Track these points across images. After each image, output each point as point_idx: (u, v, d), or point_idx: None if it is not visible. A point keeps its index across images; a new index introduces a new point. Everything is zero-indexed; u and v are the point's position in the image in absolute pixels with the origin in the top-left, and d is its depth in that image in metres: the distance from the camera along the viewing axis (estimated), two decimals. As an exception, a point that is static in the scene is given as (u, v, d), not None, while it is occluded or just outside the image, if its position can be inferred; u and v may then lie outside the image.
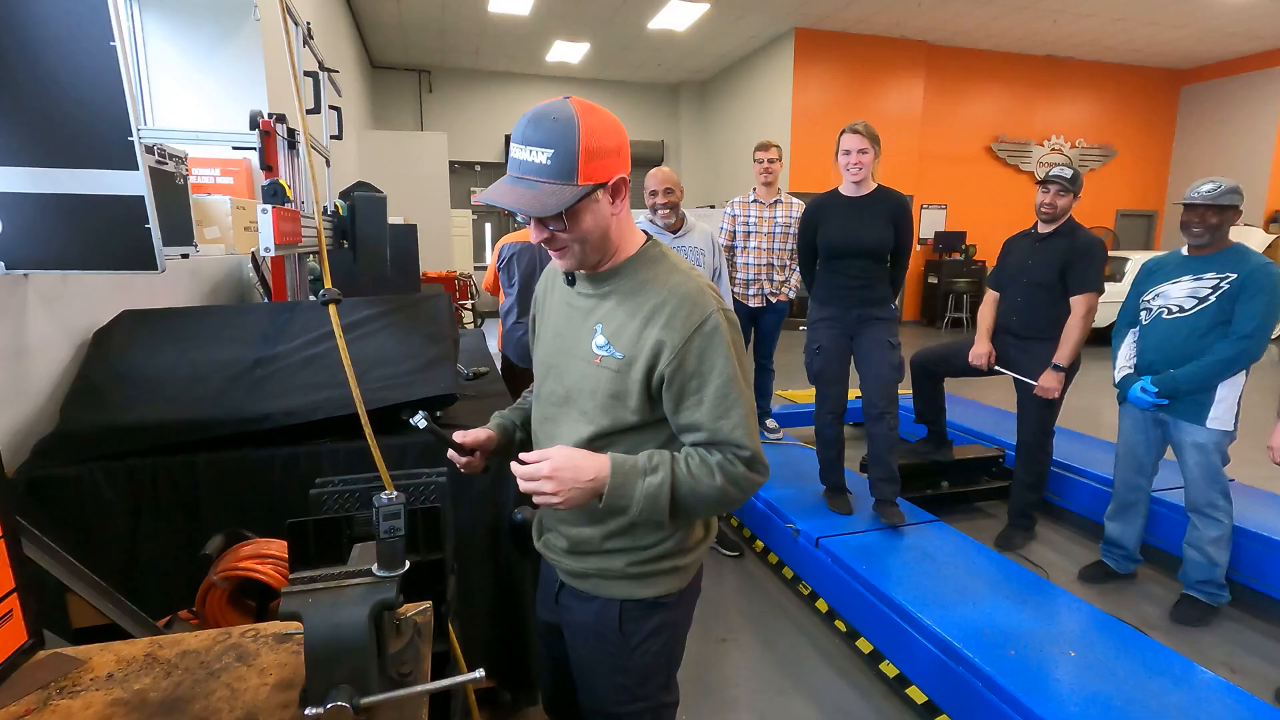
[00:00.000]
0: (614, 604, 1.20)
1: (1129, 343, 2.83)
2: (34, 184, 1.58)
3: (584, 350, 1.13)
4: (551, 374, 1.20)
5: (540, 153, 0.98)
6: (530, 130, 0.99)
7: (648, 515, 1.04)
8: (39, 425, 1.67)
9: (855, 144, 2.81)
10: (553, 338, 1.20)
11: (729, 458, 1.07)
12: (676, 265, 1.14)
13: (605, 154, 1.01)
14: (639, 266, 1.12)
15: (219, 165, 3.79)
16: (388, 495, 0.92)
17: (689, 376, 1.06)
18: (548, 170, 0.99)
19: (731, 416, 1.06)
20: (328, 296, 1.71)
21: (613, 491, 1.03)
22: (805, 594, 2.85)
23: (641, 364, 1.07)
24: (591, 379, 1.12)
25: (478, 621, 1.93)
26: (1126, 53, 11.12)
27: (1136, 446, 2.83)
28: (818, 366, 2.98)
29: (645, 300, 1.09)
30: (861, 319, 2.91)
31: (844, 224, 2.89)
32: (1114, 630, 2.10)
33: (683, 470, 1.05)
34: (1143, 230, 12.90)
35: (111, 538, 1.60)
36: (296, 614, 0.86)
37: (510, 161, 1.03)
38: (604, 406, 1.11)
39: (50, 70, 1.55)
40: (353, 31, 9.27)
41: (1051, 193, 2.98)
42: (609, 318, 1.11)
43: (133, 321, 1.94)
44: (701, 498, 1.05)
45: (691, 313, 1.06)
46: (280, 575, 1.41)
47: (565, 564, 1.24)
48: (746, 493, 1.08)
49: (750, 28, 9.93)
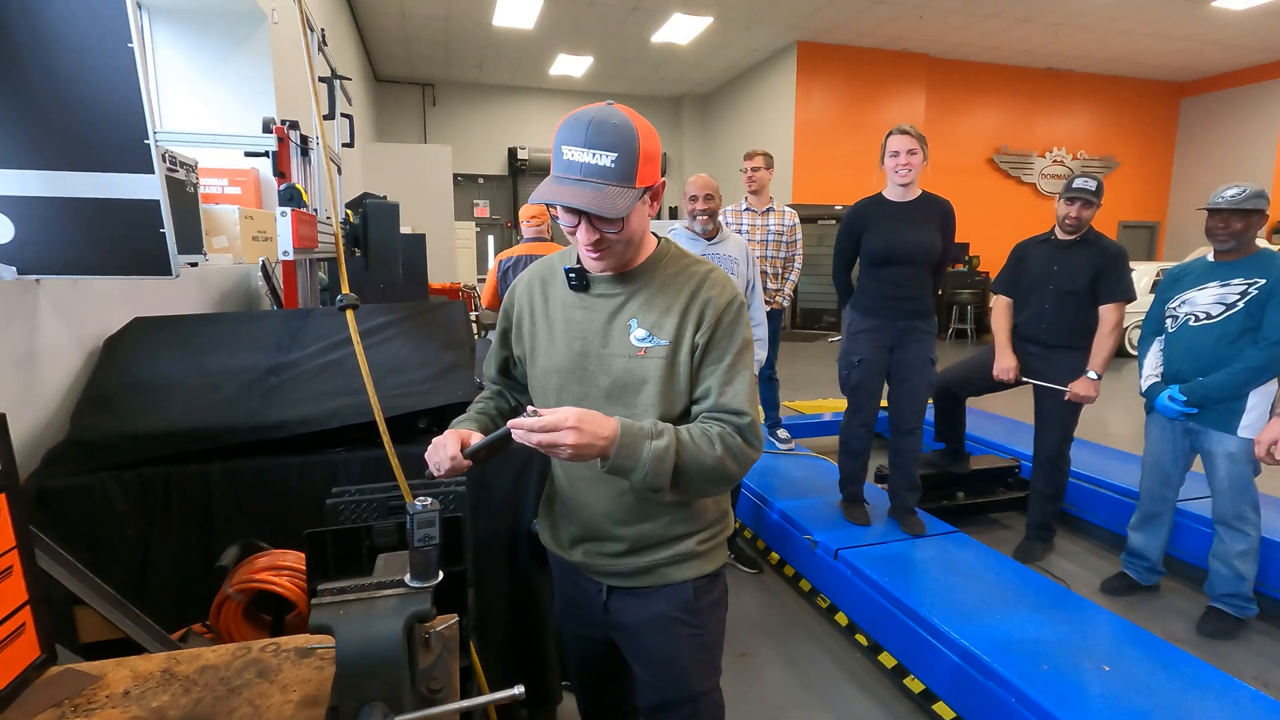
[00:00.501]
0: (686, 586, 1.24)
1: (1155, 351, 2.78)
2: (48, 187, 1.56)
3: (621, 347, 1.15)
4: (574, 379, 1.19)
5: (605, 156, 1.02)
6: (594, 134, 1.02)
7: (652, 479, 1.05)
8: (50, 433, 1.63)
9: (904, 145, 2.69)
10: (567, 343, 1.19)
11: (728, 429, 1.11)
12: (690, 256, 1.22)
13: (655, 159, 1.07)
14: (665, 262, 1.19)
15: (227, 175, 3.78)
16: (421, 501, 0.88)
17: (713, 346, 1.14)
18: (612, 173, 1.02)
19: (736, 384, 1.13)
20: (345, 302, 1.68)
21: (620, 450, 1.03)
22: (824, 607, 2.79)
23: (686, 342, 1.13)
24: (639, 371, 1.14)
25: (495, 634, 1.87)
26: (1127, 65, 11.18)
27: (1163, 457, 2.77)
28: (855, 380, 2.87)
29: (681, 287, 1.15)
30: (906, 331, 2.81)
31: (892, 230, 2.78)
32: (1148, 644, 2.05)
33: (686, 437, 1.08)
34: (1145, 242, 12.91)
35: (123, 549, 1.55)
36: (328, 626, 0.82)
37: (564, 164, 1.04)
38: (660, 395, 1.14)
39: (66, 72, 1.53)
40: (357, 45, 9.32)
41: (1077, 205, 2.92)
42: (644, 311, 1.15)
43: (145, 328, 1.91)
44: (702, 466, 1.08)
45: (723, 292, 1.16)
46: (297, 588, 1.37)
47: (623, 565, 1.24)
48: (743, 466, 1.12)
49: (753, 41, 9.99)
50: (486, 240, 12.95)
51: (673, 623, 1.24)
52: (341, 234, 2.39)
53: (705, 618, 1.27)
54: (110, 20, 1.52)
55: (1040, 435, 3.15)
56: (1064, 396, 2.97)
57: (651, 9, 8.57)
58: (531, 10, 8.61)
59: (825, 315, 12.20)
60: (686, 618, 1.24)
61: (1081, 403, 2.97)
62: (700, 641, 1.27)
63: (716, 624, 1.30)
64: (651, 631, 1.25)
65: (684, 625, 1.24)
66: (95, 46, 1.53)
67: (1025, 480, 3.68)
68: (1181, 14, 8.69)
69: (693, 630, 1.25)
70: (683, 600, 1.24)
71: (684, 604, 1.24)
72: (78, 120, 1.56)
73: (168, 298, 2.33)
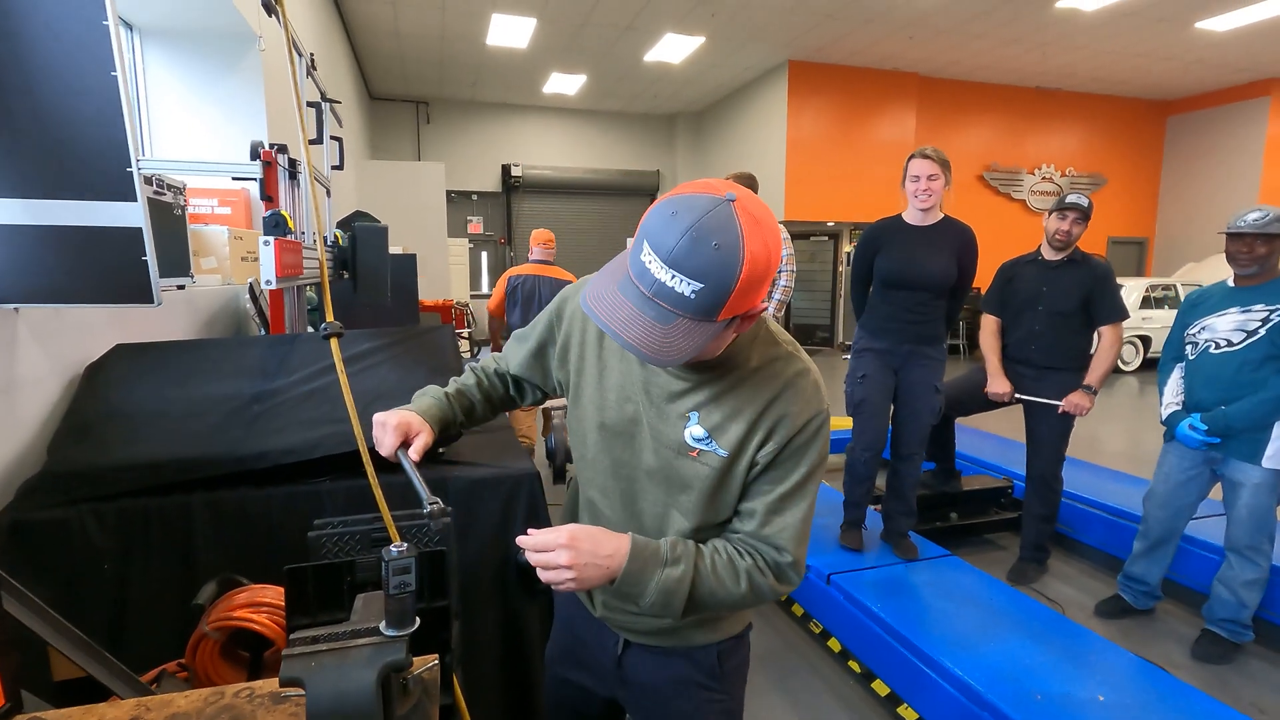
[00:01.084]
0: (711, 649, 1.14)
1: (1176, 378, 2.72)
2: (29, 215, 1.54)
3: (673, 439, 1.00)
4: (619, 442, 1.06)
5: (687, 284, 0.78)
6: (685, 253, 0.78)
7: (659, 609, 0.93)
8: (25, 465, 1.60)
9: (925, 169, 2.68)
10: (620, 400, 1.04)
11: (761, 565, 0.97)
12: (782, 343, 1.02)
13: (759, 285, 0.83)
14: (748, 353, 0.98)
15: (217, 195, 3.76)
16: (397, 547, 0.85)
17: (776, 465, 0.98)
18: (690, 305, 0.80)
19: (787, 515, 0.98)
20: (329, 330, 1.66)
21: (627, 577, 0.91)
22: (817, 632, 2.76)
23: (748, 457, 0.97)
24: (686, 471, 1.00)
25: (483, 669, 1.84)
26: (1114, 84, 11.34)
27: (1180, 487, 2.69)
28: (859, 395, 2.84)
29: (758, 393, 0.97)
30: (911, 355, 2.79)
31: (907, 252, 2.76)
32: (1143, 672, 2.03)
33: (707, 567, 0.95)
34: (1134, 258, 13.03)
35: (99, 584, 1.52)
36: (298, 679, 0.80)
37: (640, 268, 0.82)
38: (703, 503, 1.00)
39: (49, 100, 1.52)
40: (352, 63, 9.37)
41: (1069, 220, 2.93)
42: (709, 410, 0.98)
43: (127, 355, 1.88)
44: (720, 600, 0.96)
45: (806, 407, 0.97)
46: (276, 625, 1.34)
47: (645, 623, 1.13)
48: (766, 601, 1.02)
49: (745, 60, 10.08)
50: (480, 257, 12.96)
51: (696, 688, 1.15)
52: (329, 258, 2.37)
53: (729, 682, 1.18)
54: (94, 48, 1.52)
55: (1033, 455, 3.14)
56: (1058, 410, 2.97)
57: (644, 29, 8.65)
58: (525, 30, 8.68)
59: (818, 331, 12.24)
60: (710, 683, 1.15)
61: (1075, 413, 2.96)
62: (724, 707, 1.17)
63: (739, 687, 1.22)
64: (672, 694, 1.16)
65: (707, 690, 1.16)
66: (79, 74, 1.52)
67: (1018, 500, 3.67)
68: (1166, 35, 8.83)
69: (717, 695, 1.16)
70: (708, 665, 1.15)
71: (709, 669, 1.15)
72: (61, 148, 1.55)
73: (152, 323, 2.31)
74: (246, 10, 3.60)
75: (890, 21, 8.44)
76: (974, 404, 3.28)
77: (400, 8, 7.98)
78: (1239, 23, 8.26)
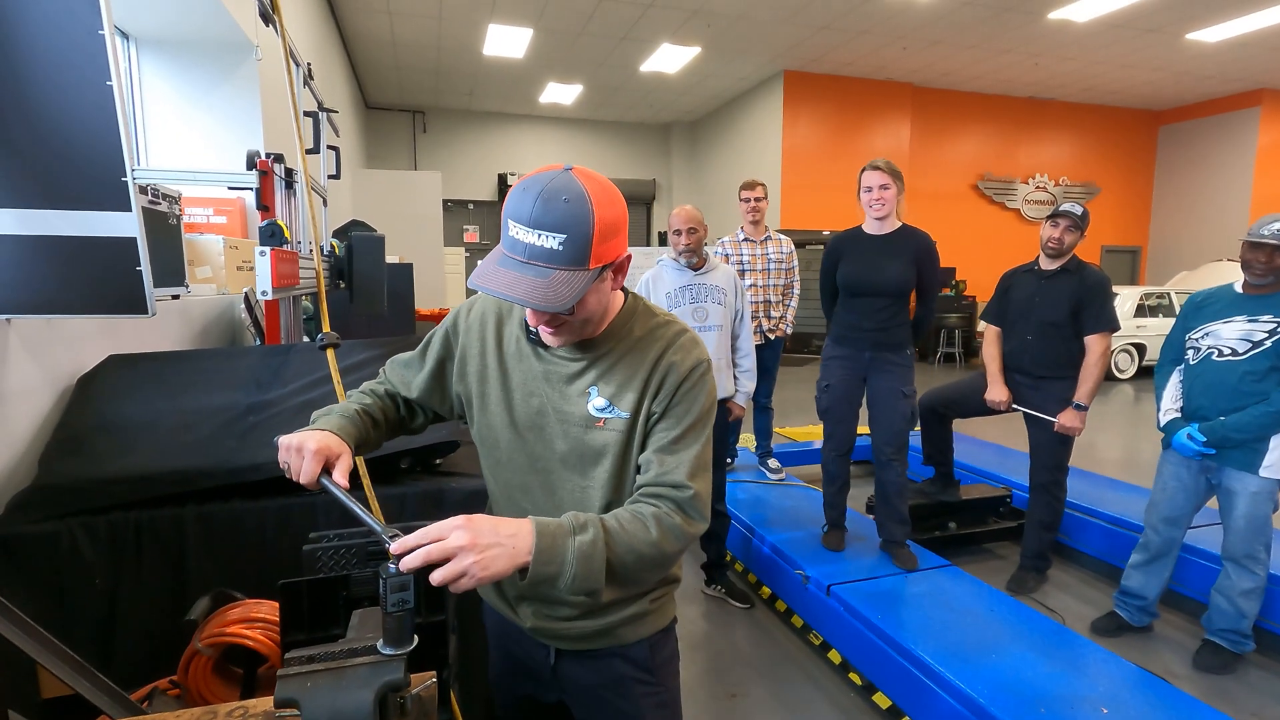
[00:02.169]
0: (642, 644, 1.18)
1: (1174, 382, 2.68)
2: (22, 225, 1.52)
3: (579, 415, 1.07)
4: (530, 438, 1.10)
5: (552, 238, 0.90)
6: (540, 212, 0.90)
7: (581, 581, 0.90)
8: (16, 478, 1.58)
9: (876, 180, 2.78)
10: (524, 397, 1.10)
11: (665, 509, 0.99)
12: (660, 314, 1.14)
13: (615, 233, 0.95)
14: (630, 325, 1.09)
15: (212, 204, 3.74)
16: (394, 565, 0.83)
17: (667, 414, 1.05)
18: (560, 256, 0.91)
19: (681, 454, 1.03)
20: (326, 341, 1.65)
21: (540, 554, 0.87)
22: (817, 644, 2.74)
23: (644, 412, 1.05)
24: (597, 442, 1.06)
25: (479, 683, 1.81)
26: (1106, 94, 11.43)
27: (1177, 495, 2.67)
28: (825, 403, 2.94)
29: (644, 355, 1.07)
30: (874, 362, 2.85)
31: (864, 261, 2.84)
32: (1146, 685, 2.01)
33: (615, 525, 0.95)
34: (1127, 266, 13.10)
35: (89, 599, 1.49)
36: (294, 700, 0.78)
37: (510, 242, 0.93)
38: (616, 469, 1.06)
39: (43, 109, 1.51)
40: (348, 72, 9.38)
41: (1061, 228, 2.93)
42: (605, 380, 1.06)
43: (120, 366, 1.86)
44: (639, 555, 0.95)
45: (687, 356, 1.07)
46: (270, 641, 1.31)
47: (575, 629, 1.15)
48: (684, 545, 1.02)
49: (740, 70, 10.14)
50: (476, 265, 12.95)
51: (632, 683, 1.18)
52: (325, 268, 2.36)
53: (663, 674, 1.21)
54: (90, 57, 1.51)
55: (1035, 463, 3.13)
56: (1054, 427, 2.96)
57: (640, 39, 8.69)
58: (521, 40, 8.71)
59: (814, 339, 12.26)
60: (645, 676, 1.19)
61: (1067, 434, 2.96)
62: (661, 698, 1.21)
63: (674, 679, 1.25)
64: (611, 694, 1.19)
65: (643, 685, 1.19)
66: (74, 83, 1.51)
67: (1017, 510, 3.67)
68: (1157, 46, 8.92)
69: (652, 689, 1.19)
70: (641, 659, 1.18)
71: (641, 663, 1.18)
72: (55, 157, 1.53)
73: (146, 333, 2.29)
74: (243, 20, 3.60)
75: (884, 32, 8.50)
76: (971, 407, 3.30)
77: (397, 18, 8.00)
78: (1229, 34, 8.35)
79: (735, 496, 3.57)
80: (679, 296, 2.87)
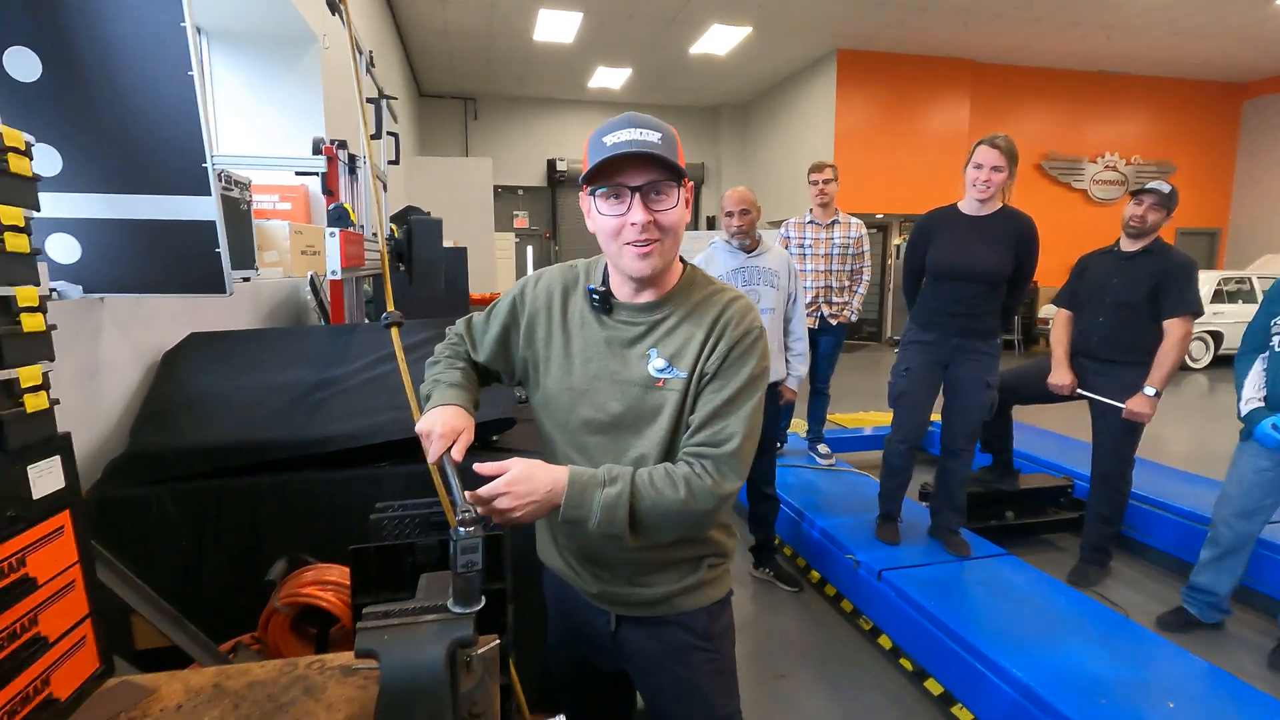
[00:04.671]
0: (701, 613, 1.22)
1: (1258, 370, 2.55)
2: (112, 209, 1.62)
3: (637, 376, 1.12)
4: (586, 401, 1.15)
5: (651, 134, 1.04)
6: (638, 120, 1.05)
7: (606, 526, 1.02)
8: (111, 446, 1.69)
9: (990, 159, 2.56)
10: (584, 361, 1.16)
11: (699, 470, 1.06)
12: (717, 283, 1.20)
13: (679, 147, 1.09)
14: (691, 290, 1.16)
15: (278, 191, 3.90)
16: (466, 529, 0.87)
17: (718, 375, 1.09)
18: (660, 148, 1.03)
19: (730, 419, 1.08)
20: (390, 319, 1.71)
21: (570, 500, 1.02)
22: (867, 629, 2.72)
23: (698, 372, 1.10)
24: (655, 402, 1.11)
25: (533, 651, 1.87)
26: (1185, 66, 10.78)
27: (1255, 489, 2.53)
28: (901, 388, 2.80)
29: (703, 318, 1.12)
30: (961, 349, 2.72)
31: (959, 243, 2.67)
32: (1216, 680, 1.94)
33: (644, 480, 1.04)
34: (1205, 249, 12.39)
35: (176, 559, 1.60)
36: (373, 651, 0.82)
37: (613, 145, 1.04)
38: (671, 428, 1.11)
39: (129, 99, 1.59)
40: (403, 61, 9.57)
41: (1145, 205, 2.79)
42: (665, 342, 1.12)
43: (200, 343, 1.97)
44: (663, 510, 1.03)
45: (743, 320, 1.12)
46: (342, 603, 1.38)
47: (635, 595, 1.21)
48: (715, 505, 1.06)
49: (791, 50, 9.94)
50: (525, 251, 13.11)
51: (691, 650, 1.23)
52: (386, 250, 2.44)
53: (720, 642, 1.26)
54: (172, 49, 1.58)
55: (1097, 453, 3.02)
56: (1121, 413, 2.84)
57: (690, 21, 8.60)
58: (571, 25, 8.72)
59: (865, 325, 12.01)
60: (703, 644, 1.23)
61: (1136, 421, 2.84)
62: (719, 665, 1.26)
63: (730, 648, 1.30)
64: (669, 661, 1.24)
65: (701, 652, 1.23)
66: (158, 74, 1.59)
67: (1078, 500, 3.55)
68: (1243, 14, 8.35)
69: (710, 656, 1.24)
70: (700, 628, 1.23)
71: (699, 631, 1.23)
72: (140, 145, 1.62)
73: (221, 312, 2.40)
74: (308, 12, 3.71)
75: (943, 7, 8.20)
76: (1032, 393, 3.17)
77: (450, 6, 8.11)
78: (1325, -2, 7.76)
79: (785, 481, 3.55)
80: (731, 279, 2.85)
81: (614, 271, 1.16)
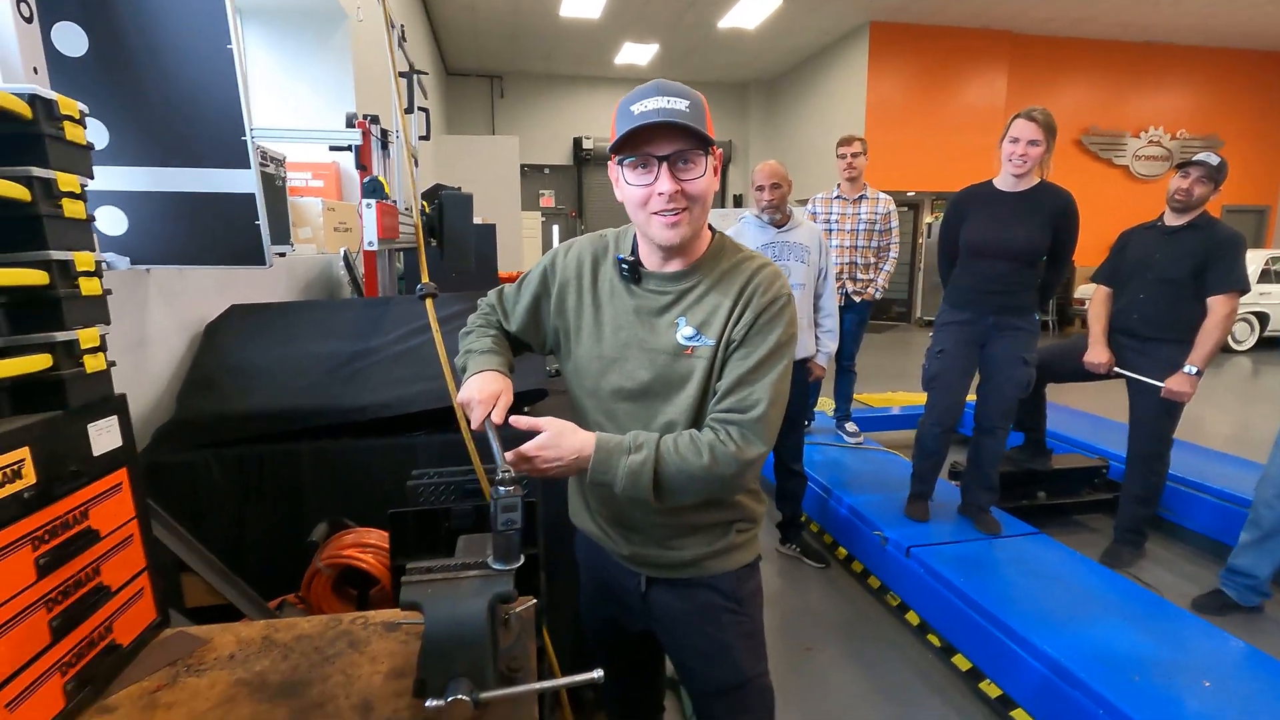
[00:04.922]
0: (730, 576, 1.24)
1: None
2: (156, 183, 1.66)
3: (666, 344, 1.13)
4: (615, 368, 1.17)
5: (679, 102, 1.04)
6: (666, 89, 1.05)
7: (631, 491, 1.05)
8: (157, 413, 1.75)
9: (1028, 133, 2.47)
10: (614, 330, 1.17)
11: (724, 436, 1.07)
12: (745, 250, 1.20)
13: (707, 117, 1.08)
14: (719, 258, 1.16)
15: (310, 169, 3.94)
16: (505, 488, 0.89)
17: (745, 341, 1.10)
18: (688, 117, 1.03)
19: (756, 382, 1.08)
20: (425, 290, 1.73)
21: (596, 465, 1.05)
22: (894, 605, 2.72)
23: (725, 339, 1.11)
24: (684, 369, 1.12)
25: (563, 616, 1.91)
26: (1234, 36, 10.32)
27: None
28: (935, 369, 2.77)
29: (731, 285, 1.12)
30: (998, 326, 2.66)
31: (994, 220, 2.61)
32: (1255, 661, 1.91)
33: (669, 447, 1.06)
34: (1253, 227, 11.95)
35: (222, 522, 1.65)
36: (417, 604, 0.85)
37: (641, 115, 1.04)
38: (700, 395, 1.12)
39: (171, 73, 1.62)
40: (430, 39, 9.56)
41: (1191, 178, 2.70)
42: (694, 310, 1.13)
43: (241, 315, 2.02)
44: (688, 475, 1.05)
45: (770, 287, 1.12)
46: (381, 564, 1.42)
47: (666, 558, 1.23)
48: (739, 470, 1.07)
49: (822, 23, 9.72)
50: (552, 229, 13.12)
51: (720, 611, 1.25)
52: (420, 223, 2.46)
53: (749, 605, 1.28)
54: (212, 24, 1.60)
55: (1133, 433, 2.95)
56: (1159, 392, 2.77)
57: (719, -7, 8.45)
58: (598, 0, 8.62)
59: (895, 305, 11.85)
60: (732, 605, 1.25)
61: (1176, 401, 2.77)
62: (747, 628, 1.28)
63: (759, 611, 1.32)
64: (699, 620, 1.26)
65: (730, 613, 1.25)
66: (198, 49, 1.62)
67: (1112, 481, 3.49)
68: (1302, -22, 7.97)
69: (738, 618, 1.26)
70: (729, 590, 1.25)
71: (728, 593, 1.25)
72: (182, 119, 1.65)
73: (260, 286, 2.46)
74: (337, -13, 3.73)
75: (982, -25, 7.94)
76: (1067, 371, 3.11)
77: (476, -19, 8.07)
78: (1392, -40, 7.35)
79: (812, 458, 3.55)
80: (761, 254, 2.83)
81: (642, 240, 1.16)
